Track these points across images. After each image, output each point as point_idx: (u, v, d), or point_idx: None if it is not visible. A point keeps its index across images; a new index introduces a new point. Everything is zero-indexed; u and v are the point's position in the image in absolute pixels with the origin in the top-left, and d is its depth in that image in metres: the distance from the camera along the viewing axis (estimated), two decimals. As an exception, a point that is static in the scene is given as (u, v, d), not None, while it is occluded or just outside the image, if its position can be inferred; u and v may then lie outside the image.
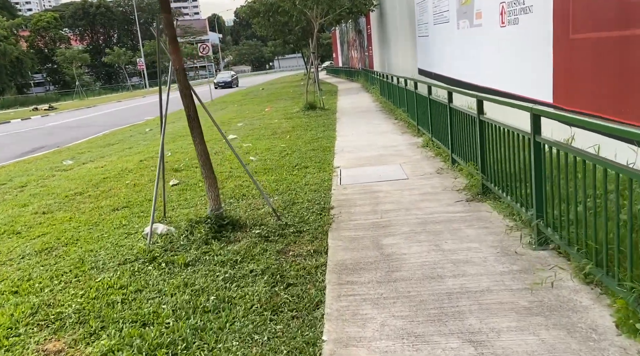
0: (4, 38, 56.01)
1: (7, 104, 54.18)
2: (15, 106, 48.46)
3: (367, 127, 11.06)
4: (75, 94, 53.97)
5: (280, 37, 38.12)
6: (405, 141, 8.85)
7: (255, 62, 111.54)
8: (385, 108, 14.55)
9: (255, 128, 12.77)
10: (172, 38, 4.40)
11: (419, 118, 9.05)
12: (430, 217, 4.58)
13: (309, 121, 13.07)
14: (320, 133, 10.71)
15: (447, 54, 11.51)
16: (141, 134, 14.26)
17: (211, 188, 4.65)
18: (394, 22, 20.03)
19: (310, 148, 8.87)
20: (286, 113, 15.86)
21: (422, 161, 7.03)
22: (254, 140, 10.61)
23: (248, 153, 9.02)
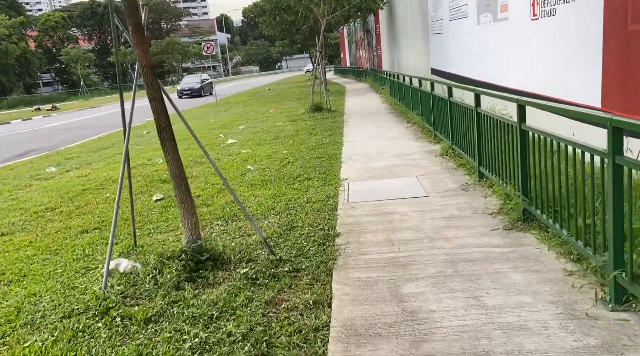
0: (5, 37, 55.53)
1: (13, 104, 53.78)
2: (20, 106, 47.92)
3: (377, 132, 10.12)
4: (80, 94, 53.45)
5: (287, 36, 37.26)
6: (421, 148, 7.90)
7: (264, 62, 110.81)
8: (395, 110, 13.61)
9: (257, 131, 11.89)
10: (136, 26, 3.49)
11: (436, 123, 8.10)
12: (462, 252, 3.64)
13: (314, 124, 12.16)
14: (326, 138, 9.80)
15: (465, 52, 10.55)
16: (137, 137, 13.42)
17: (187, 214, 3.74)
18: (404, 20, 19.07)
19: (315, 156, 7.95)
20: (291, 115, 14.97)
21: (442, 174, 6.09)
22: (255, 145, 9.72)
23: (246, 161, 8.12)
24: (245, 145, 9.89)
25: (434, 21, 13.60)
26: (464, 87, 6.01)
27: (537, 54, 6.68)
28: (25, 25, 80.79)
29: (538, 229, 3.88)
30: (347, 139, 9.48)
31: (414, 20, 16.90)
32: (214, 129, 13.47)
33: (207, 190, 6.38)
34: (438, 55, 13.55)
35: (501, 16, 7.98)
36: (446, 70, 12.54)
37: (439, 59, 13.38)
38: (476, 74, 9.64)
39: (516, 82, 7.52)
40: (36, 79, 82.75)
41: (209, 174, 7.43)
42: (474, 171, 5.76)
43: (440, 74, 13.21)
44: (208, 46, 25.85)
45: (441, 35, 12.84)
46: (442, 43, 12.78)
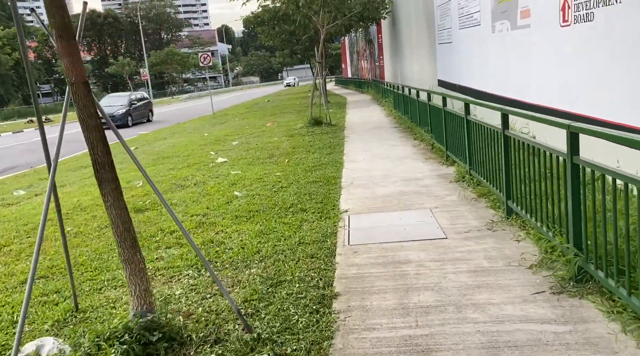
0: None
1: (10, 116, 53.05)
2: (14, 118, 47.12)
3: (381, 150, 9.22)
4: (76, 106, 52.64)
5: (287, 47, 36.59)
6: (432, 170, 6.98)
7: (264, 73, 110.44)
8: (400, 124, 12.72)
9: (250, 148, 10.99)
10: (61, 29, 2.59)
11: (449, 142, 7.19)
12: (502, 331, 2.71)
13: (312, 140, 11.27)
14: (324, 157, 8.89)
15: (477, 63, 9.67)
16: (122, 154, 12.52)
17: (134, 278, 2.80)
18: (408, 29, 18.27)
19: (312, 179, 7.03)
20: (289, 129, 14.08)
21: (461, 206, 5.16)
22: (246, 165, 8.81)
23: (234, 185, 7.19)
24: (236, 165, 8.98)
25: (442, 30, 12.76)
26: (485, 104, 5.09)
27: (568, 65, 5.78)
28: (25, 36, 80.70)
29: (599, 295, 2.95)
30: (348, 159, 8.58)
31: (419, 30, 16.08)
32: (205, 145, 12.58)
33: (186, 223, 5.46)
34: (446, 66, 12.69)
35: (521, 23, 7.10)
36: (455, 82, 11.67)
37: (447, 70, 12.52)
38: (491, 87, 8.76)
39: (540, 98, 6.62)
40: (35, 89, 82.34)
41: (190, 201, 6.51)
42: (500, 204, 4.83)
43: (449, 86, 12.34)
44: (205, 57, 25.07)
45: (449, 45, 11.99)
46: (451, 53, 11.92)
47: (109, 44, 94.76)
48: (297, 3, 12.34)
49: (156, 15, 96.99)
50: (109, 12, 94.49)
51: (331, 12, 13.72)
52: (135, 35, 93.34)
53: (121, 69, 61.55)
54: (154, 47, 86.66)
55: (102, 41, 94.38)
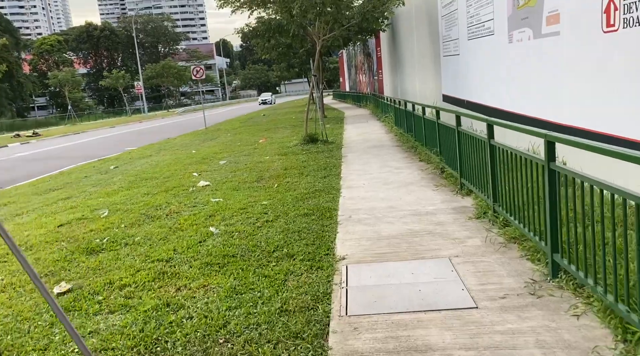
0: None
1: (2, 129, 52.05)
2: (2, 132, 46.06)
3: (383, 173, 8.17)
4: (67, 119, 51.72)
5: (284, 60, 35.80)
6: (445, 202, 5.92)
7: (262, 86, 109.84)
8: (403, 143, 11.70)
9: (238, 169, 9.94)
10: None
11: (464, 168, 6.15)
12: None
13: (307, 160, 10.23)
14: (319, 181, 7.84)
15: (490, 76, 8.68)
16: (100, 174, 11.46)
17: None
18: (409, 41, 17.37)
19: (303, 211, 5.97)
20: (282, 147, 13.06)
21: (488, 254, 4.10)
22: (230, 190, 7.75)
23: (212, 218, 6.12)
24: (219, 189, 7.91)
25: (447, 41, 11.81)
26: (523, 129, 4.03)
27: (615, 81, 4.76)
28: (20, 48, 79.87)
29: None
30: (346, 184, 7.52)
31: (422, 41, 15.16)
32: (190, 164, 11.53)
33: (143, 273, 4.37)
34: (452, 81, 11.72)
35: (548, 30, 6.11)
36: (463, 97, 10.68)
37: (454, 84, 11.54)
38: (507, 104, 7.75)
39: (574, 118, 5.60)
40: (29, 102, 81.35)
41: (157, 238, 5.44)
42: (541, 256, 3.77)
43: (455, 102, 11.36)
44: (197, 70, 24.13)
45: (456, 58, 11.03)
46: (458, 66, 10.95)
47: (105, 56, 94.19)
48: (290, 12, 11.41)
49: (153, 28, 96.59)
50: (105, 24, 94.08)
51: (328, 23, 12.76)
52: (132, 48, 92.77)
53: (115, 81, 60.65)
54: (151, 61, 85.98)
55: (99, 54, 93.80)
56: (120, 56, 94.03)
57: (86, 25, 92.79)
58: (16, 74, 73.64)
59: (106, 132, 32.14)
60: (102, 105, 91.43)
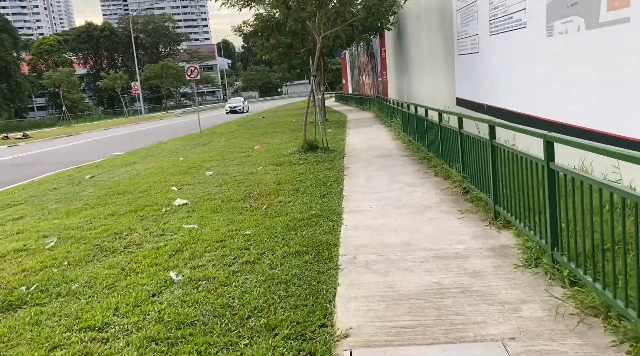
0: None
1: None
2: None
3: (393, 191, 6.86)
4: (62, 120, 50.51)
5: (284, 61, 34.51)
6: (477, 236, 4.60)
7: (263, 88, 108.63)
8: (413, 153, 10.39)
9: (225, 182, 8.64)
10: None
11: (500, 192, 4.83)
12: None
13: (304, 172, 8.92)
14: (316, 201, 6.53)
15: (520, 78, 7.36)
16: (71, 186, 10.16)
17: None
18: (417, 40, 16.06)
19: (294, 247, 4.66)
20: (278, 155, 11.76)
21: (559, 335, 2.77)
22: (209, 213, 6.43)
23: (178, 254, 4.81)
24: (197, 211, 6.60)
25: (463, 38, 10.50)
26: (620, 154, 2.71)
27: None
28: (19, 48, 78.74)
29: None
30: (349, 206, 6.20)
31: (432, 39, 13.85)
32: (173, 174, 10.22)
33: (59, 353, 3.05)
34: (468, 82, 10.40)
35: (608, 17, 4.79)
36: (483, 101, 9.37)
37: (471, 86, 10.23)
38: (547, 111, 6.41)
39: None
40: (27, 103, 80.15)
41: (100, 287, 4.13)
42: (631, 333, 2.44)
43: (472, 107, 10.04)
44: (192, 70, 22.84)
45: (475, 56, 9.71)
46: (476, 66, 9.64)
47: (105, 57, 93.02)
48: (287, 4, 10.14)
49: (154, 29, 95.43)
50: (105, 24, 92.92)
51: (329, 18, 11.47)
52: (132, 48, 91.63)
53: (113, 82, 59.42)
54: (151, 61, 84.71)
55: (99, 54, 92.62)
56: (120, 57, 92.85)
57: (86, 26, 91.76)
58: (14, 74, 72.53)
59: (99, 135, 30.89)
60: (102, 106, 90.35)
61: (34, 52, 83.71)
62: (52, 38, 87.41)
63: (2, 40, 70.82)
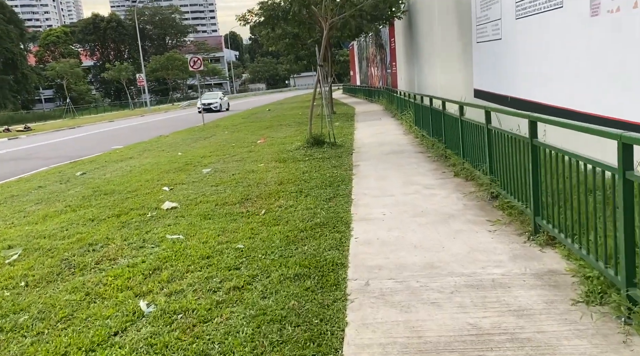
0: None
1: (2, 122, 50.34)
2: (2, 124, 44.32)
3: (409, 195, 6.03)
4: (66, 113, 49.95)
5: (291, 52, 33.65)
6: (517, 256, 3.77)
7: (270, 80, 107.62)
8: (427, 148, 9.55)
9: (222, 182, 7.87)
10: None
11: (542, 202, 3.99)
12: None
13: (309, 171, 8.13)
14: (322, 206, 5.73)
15: (558, 66, 6.48)
16: (58, 184, 9.43)
17: None
18: (430, 28, 15.14)
19: (293, 269, 3.85)
20: (281, 150, 10.97)
21: None
22: (199, 219, 5.66)
23: (155, 274, 4.03)
24: (186, 216, 5.83)
25: (483, 24, 9.61)
26: None
27: None
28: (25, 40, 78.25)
29: None
30: (359, 213, 5.39)
31: (446, 27, 12.94)
32: (168, 172, 9.46)
33: None
34: (489, 72, 9.52)
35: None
36: (506, 93, 8.49)
37: (491, 76, 9.34)
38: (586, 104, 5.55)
39: None
40: (34, 95, 79.76)
41: (56, 319, 3.36)
42: None
43: (493, 99, 9.17)
44: (195, 61, 22.04)
45: (496, 44, 8.82)
46: (499, 54, 8.75)
47: (112, 48, 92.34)
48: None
49: (161, 20, 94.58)
50: (112, 16, 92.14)
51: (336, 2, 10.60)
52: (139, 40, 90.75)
53: (118, 74, 58.78)
54: (158, 53, 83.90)
55: (106, 46, 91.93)
56: (127, 48, 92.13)
57: (93, 17, 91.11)
58: (21, 66, 72.07)
59: (102, 127, 30.24)
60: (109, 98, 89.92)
61: (40, 43, 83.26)
62: (59, 30, 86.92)
63: (8, 32, 70.34)
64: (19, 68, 71.87)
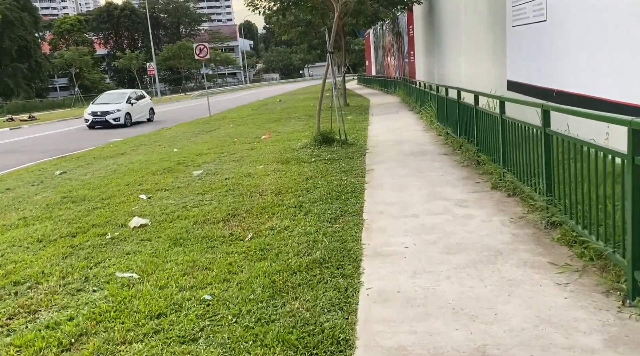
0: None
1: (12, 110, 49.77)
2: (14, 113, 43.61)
3: (437, 215, 4.72)
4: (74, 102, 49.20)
5: (304, 40, 32.32)
6: (615, 340, 2.46)
7: (284, 69, 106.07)
8: (453, 148, 8.20)
9: (211, 188, 6.64)
10: None
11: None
12: None
13: (313, 176, 6.85)
14: (324, 231, 4.45)
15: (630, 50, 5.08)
16: (29, 186, 8.28)
17: None
18: (454, 12, 13.68)
19: (276, 349, 2.59)
20: (286, 148, 9.71)
21: None
22: (168, 244, 4.41)
23: (75, 348, 2.80)
24: (153, 240, 4.59)
25: (521, 3, 8.18)
26: None
27: None
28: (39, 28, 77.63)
29: None
30: (373, 243, 4.09)
31: (474, 10, 11.49)
32: (154, 173, 8.25)
33: None
34: (528, 61, 8.10)
35: None
36: (550, 86, 7.09)
37: (532, 66, 7.93)
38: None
39: None
40: (47, 83, 79.34)
41: None
42: None
43: (533, 93, 7.77)
44: (201, 48, 20.79)
45: (539, 27, 7.40)
46: (542, 38, 7.33)
47: (125, 37, 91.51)
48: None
49: (174, 8, 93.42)
50: (126, 4, 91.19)
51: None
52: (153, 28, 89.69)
53: (129, 62, 57.85)
54: (172, 41, 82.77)
55: (119, 34, 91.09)
56: (141, 37, 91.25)
57: (107, 5, 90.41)
58: (34, 54, 71.52)
59: (107, 118, 29.19)
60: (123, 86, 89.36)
61: (54, 31, 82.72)
62: (73, 18, 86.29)
63: (21, 19, 69.76)
64: (32, 56, 71.29)
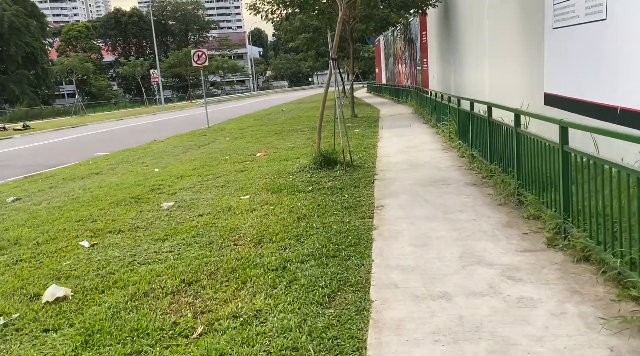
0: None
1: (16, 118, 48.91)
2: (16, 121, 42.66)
3: (480, 296, 3.19)
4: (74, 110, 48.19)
5: (311, 47, 30.97)
6: None
7: (293, 77, 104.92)
8: (482, 175, 6.66)
9: (176, 231, 5.17)
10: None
11: None
12: None
13: (308, 215, 5.35)
14: (312, 322, 2.96)
15: None
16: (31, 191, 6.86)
17: None
18: (476, 13, 12.17)
19: None
20: (281, 172, 8.24)
21: None
22: (75, 347, 2.92)
23: None
24: (61, 330, 3.11)
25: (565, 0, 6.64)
26: None
27: None
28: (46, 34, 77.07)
29: None
30: (385, 346, 2.57)
31: (502, 10, 9.97)
32: (119, 203, 6.81)
33: None
34: (574, 70, 6.54)
35: None
36: (611, 102, 5.53)
37: (580, 76, 6.37)
38: None
39: None
40: (54, 89, 78.69)
41: None
42: None
43: (583, 110, 6.21)
44: (199, 55, 19.44)
45: (594, 27, 5.86)
46: (599, 42, 5.79)
47: (133, 44, 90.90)
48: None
49: (183, 15, 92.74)
50: (134, 10, 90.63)
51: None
52: (160, 35, 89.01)
53: (133, 69, 56.92)
54: (180, 49, 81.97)
55: (127, 41, 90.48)
56: (148, 43, 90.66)
57: (114, 11, 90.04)
58: (41, 61, 70.89)
59: (104, 127, 28.01)
60: (130, 93, 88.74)
61: (62, 38, 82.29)
62: (80, 24, 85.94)
63: (28, 26, 69.26)
64: (39, 62, 70.71)
